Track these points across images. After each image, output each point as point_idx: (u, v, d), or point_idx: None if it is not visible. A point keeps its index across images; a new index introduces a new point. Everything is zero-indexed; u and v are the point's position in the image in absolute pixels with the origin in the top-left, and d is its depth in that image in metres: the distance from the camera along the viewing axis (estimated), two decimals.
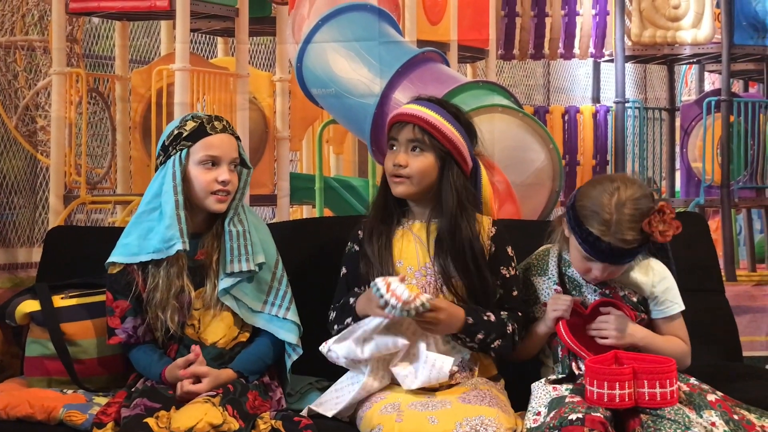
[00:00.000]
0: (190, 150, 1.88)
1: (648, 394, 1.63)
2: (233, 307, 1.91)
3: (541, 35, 2.98)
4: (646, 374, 1.64)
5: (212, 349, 1.88)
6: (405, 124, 1.86)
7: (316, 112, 2.91)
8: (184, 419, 1.62)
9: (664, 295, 1.85)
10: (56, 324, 1.96)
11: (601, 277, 1.80)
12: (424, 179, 1.85)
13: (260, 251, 1.93)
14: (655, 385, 1.63)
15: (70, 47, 2.87)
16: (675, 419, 1.60)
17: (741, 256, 3.02)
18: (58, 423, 1.78)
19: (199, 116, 1.92)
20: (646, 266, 1.86)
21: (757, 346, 2.84)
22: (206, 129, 1.89)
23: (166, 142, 1.91)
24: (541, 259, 1.92)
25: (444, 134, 1.84)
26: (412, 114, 1.85)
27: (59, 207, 2.81)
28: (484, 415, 1.65)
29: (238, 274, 1.90)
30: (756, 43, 2.97)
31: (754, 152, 2.98)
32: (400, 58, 2.83)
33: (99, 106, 2.92)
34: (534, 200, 2.84)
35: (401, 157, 1.85)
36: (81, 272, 2.10)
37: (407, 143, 1.85)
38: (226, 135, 1.91)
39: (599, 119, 2.96)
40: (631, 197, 1.73)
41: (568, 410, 1.62)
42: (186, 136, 1.88)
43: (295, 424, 1.70)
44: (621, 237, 1.71)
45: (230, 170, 1.90)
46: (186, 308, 1.89)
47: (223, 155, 1.89)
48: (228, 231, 1.90)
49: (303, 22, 2.88)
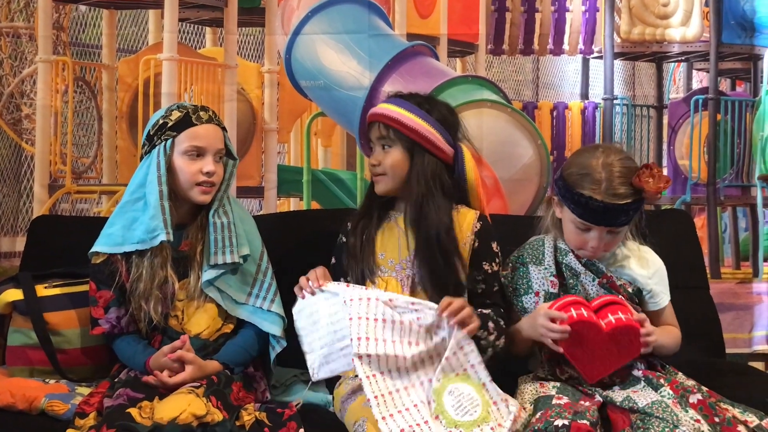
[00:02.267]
0: (175, 140, 1.86)
1: (605, 324, 1.71)
2: (217, 298, 1.90)
3: (531, 31, 2.98)
4: (602, 308, 1.73)
5: (196, 340, 1.87)
6: (373, 124, 1.91)
7: (305, 104, 2.90)
8: (167, 410, 1.61)
9: (659, 287, 1.87)
10: (39, 313, 1.95)
11: (599, 247, 1.79)
12: (396, 173, 1.88)
13: (245, 243, 1.93)
14: (617, 312, 1.70)
15: (56, 35, 2.84)
16: (663, 417, 1.60)
17: (726, 253, 3.03)
18: (39, 413, 1.77)
19: (184, 106, 1.91)
20: (642, 257, 1.87)
21: (740, 343, 2.87)
22: (191, 119, 1.87)
23: (151, 131, 1.90)
24: (535, 249, 1.91)
25: (407, 126, 1.87)
26: (375, 113, 1.91)
27: (44, 196, 2.79)
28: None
29: (222, 266, 1.89)
30: (743, 42, 2.99)
31: (740, 151, 2.99)
32: (390, 52, 2.82)
33: (85, 95, 2.89)
34: (522, 196, 2.85)
35: (374, 156, 1.91)
36: (65, 262, 2.09)
37: (377, 141, 1.91)
38: (212, 125, 1.90)
39: (587, 115, 2.97)
40: (617, 157, 1.78)
41: (554, 414, 1.62)
42: (171, 126, 1.87)
43: (278, 415, 1.70)
44: (613, 192, 1.73)
45: (215, 161, 1.88)
46: (169, 299, 1.88)
47: (208, 146, 1.87)
48: (212, 223, 1.89)
49: (292, 14, 2.87)
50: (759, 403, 1.75)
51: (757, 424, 1.68)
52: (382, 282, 1.88)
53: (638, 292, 1.86)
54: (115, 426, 1.57)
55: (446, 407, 1.65)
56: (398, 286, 1.87)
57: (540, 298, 1.83)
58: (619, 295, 1.84)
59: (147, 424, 1.58)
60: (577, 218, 1.78)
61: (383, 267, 1.89)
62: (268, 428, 1.66)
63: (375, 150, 1.91)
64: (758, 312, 2.90)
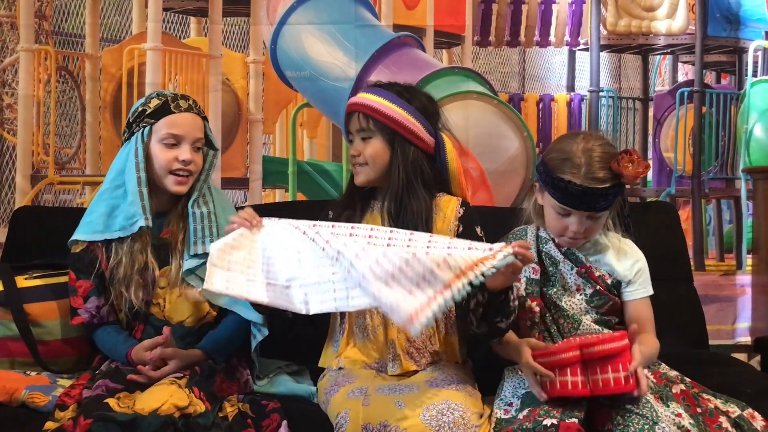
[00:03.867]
0: (152, 127, 1.85)
1: (602, 380, 1.61)
2: (198, 287, 1.89)
3: (518, 22, 2.97)
4: (595, 360, 1.61)
5: (179, 328, 1.87)
6: (352, 114, 1.89)
7: (290, 94, 2.88)
8: (149, 401, 1.61)
9: (638, 278, 1.86)
10: (19, 304, 1.93)
11: (579, 232, 1.79)
12: (377, 163, 1.86)
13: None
14: (608, 370, 1.61)
15: (38, 24, 2.80)
16: (643, 414, 1.60)
17: (710, 245, 3.05)
18: (20, 405, 1.75)
19: (164, 94, 1.90)
20: (621, 249, 1.87)
21: (723, 335, 2.88)
22: (170, 107, 1.86)
23: (130, 119, 1.89)
24: (519, 238, 1.90)
25: (387, 116, 1.85)
26: (355, 103, 1.89)
27: (26, 187, 2.76)
28: (451, 399, 1.65)
29: (203, 256, 1.87)
30: (729, 35, 3.00)
31: (724, 143, 3.01)
32: (376, 43, 2.82)
33: (68, 84, 2.86)
34: (507, 187, 2.85)
35: (354, 146, 1.88)
36: (47, 253, 2.07)
37: (357, 132, 1.88)
38: (191, 114, 1.88)
39: (573, 107, 2.97)
40: (598, 143, 1.78)
41: (542, 413, 1.62)
42: (149, 113, 1.86)
43: (262, 407, 1.69)
44: (592, 176, 1.73)
45: (193, 150, 1.87)
46: (150, 285, 1.86)
47: (185, 134, 1.86)
48: (192, 213, 1.87)
49: (278, 4, 2.85)
50: (741, 394, 1.76)
51: (739, 414, 1.68)
52: None
53: (617, 284, 1.87)
54: (92, 416, 1.56)
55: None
56: None
57: (522, 284, 1.83)
58: (597, 285, 1.84)
59: (127, 412, 1.57)
60: (557, 203, 1.78)
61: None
62: (251, 419, 1.66)
63: (355, 141, 1.89)
64: (741, 304, 2.92)
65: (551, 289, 1.84)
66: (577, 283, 1.85)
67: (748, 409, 1.70)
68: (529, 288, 1.83)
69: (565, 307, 1.83)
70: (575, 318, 1.83)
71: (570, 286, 1.85)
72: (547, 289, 1.84)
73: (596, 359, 1.62)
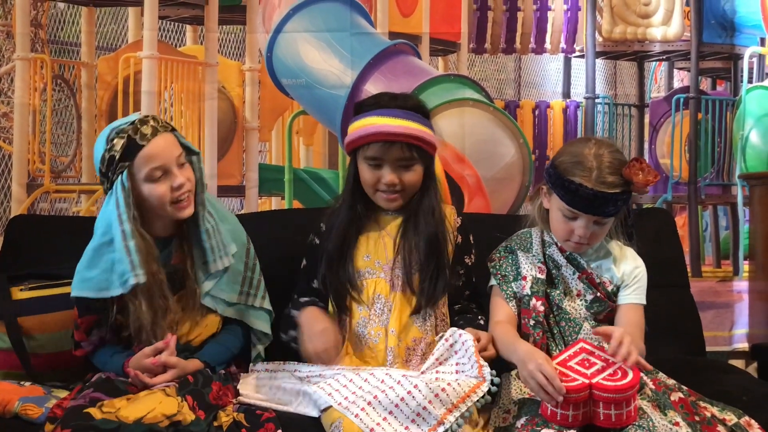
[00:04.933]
0: (131, 170, 1.74)
1: (603, 414, 1.59)
2: (212, 306, 1.86)
3: (513, 29, 2.98)
4: (603, 400, 1.58)
5: (185, 345, 1.85)
6: (391, 144, 1.81)
7: (286, 102, 2.88)
8: (135, 409, 1.57)
9: (634, 282, 1.86)
10: (14, 317, 1.92)
11: (584, 236, 1.79)
12: (414, 188, 1.87)
13: (230, 241, 1.89)
14: (611, 408, 1.58)
15: (34, 32, 2.80)
16: (640, 424, 1.60)
17: (706, 252, 3.05)
18: (13, 416, 1.74)
19: (122, 129, 1.74)
20: (623, 255, 1.88)
21: (720, 341, 2.88)
22: (137, 142, 1.72)
23: (102, 168, 1.76)
24: (524, 239, 1.91)
25: (428, 142, 1.85)
26: (393, 133, 1.80)
27: (22, 195, 2.76)
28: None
29: (217, 273, 1.85)
30: (724, 42, 3.01)
31: (720, 150, 3.01)
32: (372, 50, 2.82)
33: (64, 93, 2.86)
34: (504, 194, 2.85)
35: (392, 176, 1.83)
36: (43, 262, 2.07)
37: (396, 161, 1.83)
38: (160, 136, 1.75)
39: (569, 114, 2.97)
40: (609, 149, 1.79)
41: (540, 422, 1.61)
42: (120, 156, 1.72)
43: (257, 416, 1.68)
44: (603, 180, 1.74)
45: (180, 170, 1.79)
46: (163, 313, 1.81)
47: (167, 161, 1.75)
48: (204, 231, 1.82)
49: (274, 12, 2.85)
50: (738, 401, 1.76)
51: (736, 422, 1.68)
52: (371, 283, 1.87)
53: (617, 292, 1.87)
54: (69, 426, 1.52)
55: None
56: (387, 287, 1.87)
57: (527, 283, 1.84)
58: (598, 292, 1.84)
59: (111, 419, 1.53)
60: (565, 206, 1.78)
61: (370, 269, 1.88)
62: (246, 429, 1.64)
63: (388, 167, 1.82)
64: (738, 310, 2.92)
65: (554, 291, 1.85)
66: (578, 289, 1.85)
67: (744, 416, 1.70)
68: (534, 287, 1.84)
69: (568, 310, 1.83)
70: (576, 322, 1.83)
71: (571, 290, 1.85)
72: (551, 291, 1.85)
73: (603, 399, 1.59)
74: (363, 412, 1.60)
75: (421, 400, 1.60)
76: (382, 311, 1.85)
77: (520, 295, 1.85)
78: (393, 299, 1.85)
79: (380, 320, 1.84)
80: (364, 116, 1.85)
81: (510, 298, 1.85)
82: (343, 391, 1.67)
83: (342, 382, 1.69)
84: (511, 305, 1.85)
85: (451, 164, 2.77)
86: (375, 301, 1.86)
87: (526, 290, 1.83)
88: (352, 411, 1.61)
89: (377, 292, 1.86)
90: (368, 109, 1.86)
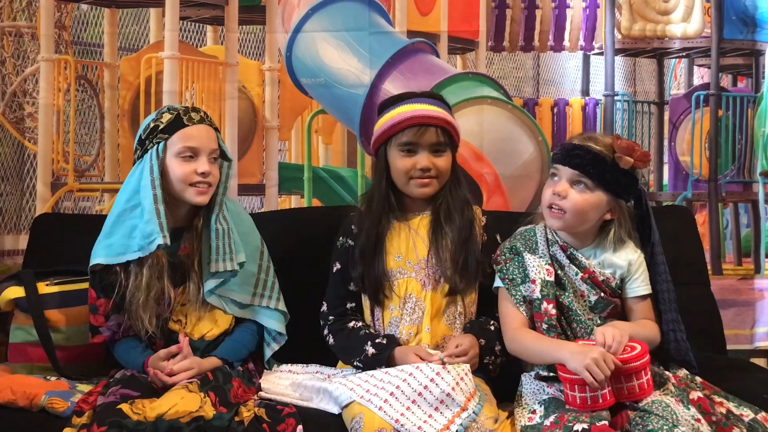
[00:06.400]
0: (167, 142, 1.84)
1: (627, 388, 1.65)
2: (219, 305, 1.90)
3: (532, 27, 2.97)
4: (622, 372, 1.65)
5: (200, 342, 1.88)
6: (426, 128, 1.86)
7: (306, 101, 2.90)
8: (158, 407, 1.61)
9: (640, 275, 1.86)
10: (40, 310, 1.96)
11: (560, 194, 1.79)
12: (446, 175, 1.91)
13: (241, 250, 1.91)
14: (632, 379, 1.65)
15: (58, 34, 2.84)
16: (663, 415, 1.60)
17: (727, 249, 3.03)
18: (40, 410, 1.77)
19: (175, 108, 1.89)
20: (625, 248, 1.87)
21: (741, 340, 2.86)
22: (183, 120, 1.85)
23: (142, 135, 1.88)
24: (528, 239, 1.89)
25: (457, 130, 1.92)
26: (428, 116, 1.87)
27: (46, 194, 2.80)
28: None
29: (222, 274, 1.88)
30: (745, 38, 2.98)
31: (741, 147, 2.98)
32: (390, 49, 2.83)
33: (87, 93, 2.90)
34: (522, 192, 2.85)
35: (425, 159, 1.87)
36: (67, 260, 2.10)
37: (430, 146, 1.88)
38: (204, 126, 1.88)
39: (588, 112, 2.97)
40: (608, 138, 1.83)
41: (571, 418, 1.61)
42: (162, 128, 1.85)
43: (278, 411, 1.70)
44: (593, 142, 1.80)
45: (210, 162, 1.86)
46: (165, 305, 1.86)
47: (201, 146, 1.85)
48: (215, 229, 1.86)
49: (293, 11, 2.87)
50: (760, 400, 1.75)
51: (752, 417, 1.68)
52: (403, 283, 1.89)
53: (621, 286, 1.86)
54: (106, 423, 1.57)
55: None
56: (418, 286, 1.88)
57: (537, 286, 1.81)
58: (602, 292, 1.84)
59: (141, 419, 1.58)
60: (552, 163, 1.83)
61: (401, 269, 1.90)
62: (267, 424, 1.66)
63: (423, 153, 1.87)
64: (760, 308, 2.89)
65: (564, 293, 1.84)
66: (581, 289, 1.85)
67: (761, 412, 1.69)
68: (544, 290, 1.81)
69: (579, 311, 1.83)
70: (587, 323, 1.82)
71: (576, 291, 1.85)
72: (560, 293, 1.84)
73: (622, 372, 1.65)
74: (386, 404, 1.62)
75: (445, 387, 1.62)
76: (413, 310, 1.87)
77: (530, 299, 1.83)
78: (424, 298, 1.87)
79: (411, 319, 1.87)
80: (394, 107, 1.91)
81: (520, 302, 1.83)
82: (364, 385, 1.69)
83: (363, 378, 1.71)
84: (522, 310, 1.83)
85: (470, 162, 2.77)
86: (407, 301, 1.88)
87: (536, 294, 1.81)
88: (375, 404, 1.63)
89: (409, 291, 1.88)
90: (395, 102, 1.93)
